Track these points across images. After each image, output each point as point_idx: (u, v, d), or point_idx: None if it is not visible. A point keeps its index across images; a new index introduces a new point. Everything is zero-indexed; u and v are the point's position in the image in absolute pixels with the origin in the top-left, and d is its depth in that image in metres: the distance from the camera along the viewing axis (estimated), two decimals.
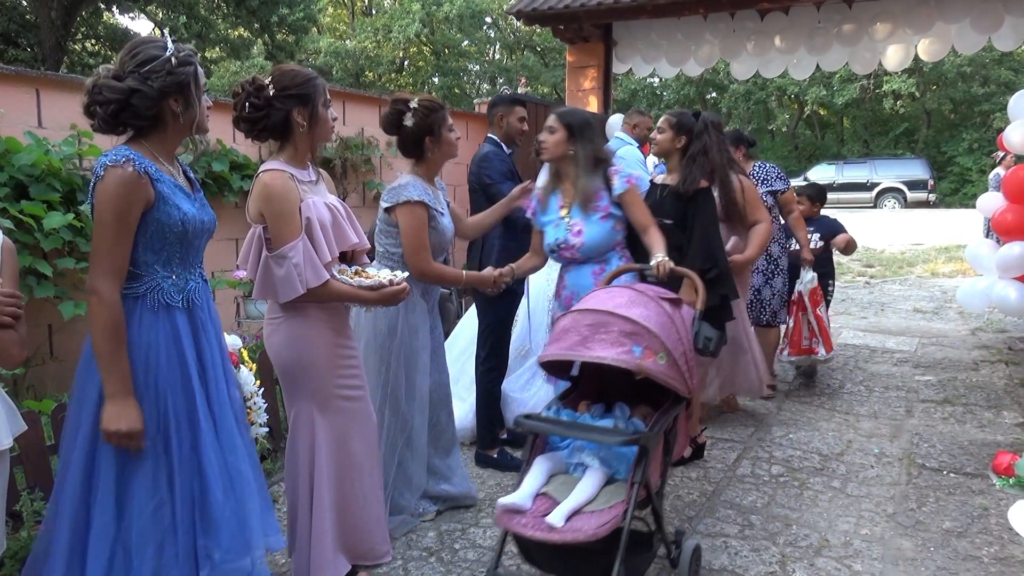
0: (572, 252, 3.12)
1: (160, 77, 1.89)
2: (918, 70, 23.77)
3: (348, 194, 5.87)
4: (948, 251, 12.11)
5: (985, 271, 5.42)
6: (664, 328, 2.36)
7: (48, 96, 4.05)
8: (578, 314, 2.43)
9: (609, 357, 2.25)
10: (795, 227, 4.80)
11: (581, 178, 3.07)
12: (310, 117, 2.38)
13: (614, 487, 2.30)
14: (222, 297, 4.86)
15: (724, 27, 7.29)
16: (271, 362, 2.56)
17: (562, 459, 2.45)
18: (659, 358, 2.29)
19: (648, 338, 2.30)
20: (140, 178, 1.87)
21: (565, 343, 2.36)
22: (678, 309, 2.53)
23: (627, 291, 2.52)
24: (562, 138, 3.11)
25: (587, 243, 3.09)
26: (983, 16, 6.31)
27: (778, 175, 4.70)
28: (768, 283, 4.67)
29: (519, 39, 31.15)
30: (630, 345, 2.27)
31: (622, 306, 2.38)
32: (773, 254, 4.65)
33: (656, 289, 2.62)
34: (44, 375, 3.95)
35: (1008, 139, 5.20)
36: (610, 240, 3.11)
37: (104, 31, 20.79)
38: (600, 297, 2.51)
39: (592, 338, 2.32)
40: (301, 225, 2.32)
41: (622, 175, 3.10)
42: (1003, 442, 3.95)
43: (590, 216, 3.09)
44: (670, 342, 2.34)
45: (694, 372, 2.47)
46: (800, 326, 4.81)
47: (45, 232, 3.65)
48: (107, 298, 1.87)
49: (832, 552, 2.89)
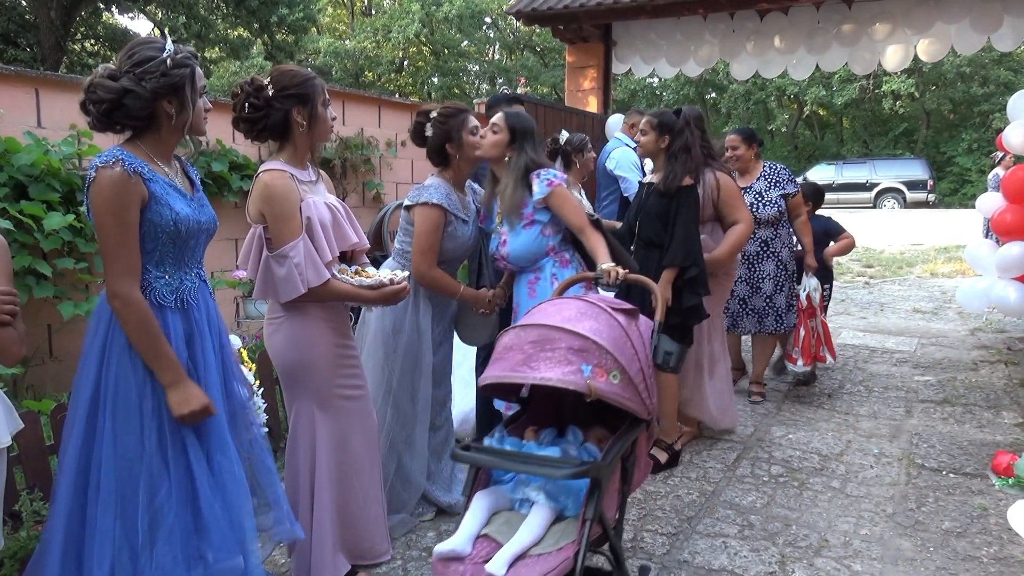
0: (504, 263, 3.07)
1: (154, 78, 1.90)
2: (917, 70, 23.79)
3: (348, 194, 5.87)
4: (947, 251, 12.11)
5: (984, 271, 5.42)
6: (618, 343, 2.12)
7: (48, 96, 4.05)
8: (521, 330, 2.16)
9: (554, 378, 1.99)
10: (801, 231, 4.72)
11: (508, 187, 2.98)
12: (309, 117, 2.39)
13: (564, 525, 2.05)
14: (222, 297, 4.85)
15: (723, 27, 7.30)
16: (271, 362, 2.56)
17: (506, 494, 2.19)
18: (612, 377, 2.05)
19: (599, 355, 2.05)
20: (130, 178, 1.87)
21: (506, 363, 2.09)
22: (634, 321, 2.30)
23: (576, 303, 2.26)
24: (503, 140, 3.01)
25: (512, 253, 3.02)
26: (982, 16, 6.32)
27: (789, 177, 4.61)
28: (780, 290, 4.59)
29: (519, 39, 31.16)
30: (579, 363, 2.02)
31: (570, 319, 2.14)
32: (783, 259, 4.59)
33: (610, 300, 2.40)
34: (43, 375, 3.95)
35: (1007, 139, 5.21)
36: (538, 248, 3.00)
37: (103, 31, 20.79)
38: (546, 310, 2.26)
39: (536, 357, 2.05)
40: (302, 224, 2.33)
41: (543, 178, 2.95)
42: (1002, 442, 3.95)
43: (515, 225, 3.01)
44: (625, 358, 2.10)
45: (653, 391, 2.24)
46: (810, 333, 4.70)
47: (45, 232, 3.65)
48: (129, 298, 1.90)
49: (831, 552, 2.89)
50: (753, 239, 4.51)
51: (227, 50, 22.40)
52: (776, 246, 4.57)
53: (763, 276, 4.59)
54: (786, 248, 4.60)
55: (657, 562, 2.83)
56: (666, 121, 3.54)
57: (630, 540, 2.98)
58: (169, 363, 1.93)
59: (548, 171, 2.99)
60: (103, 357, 1.95)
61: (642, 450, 2.36)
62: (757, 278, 4.60)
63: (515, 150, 3.00)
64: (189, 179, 2.13)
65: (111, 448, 1.92)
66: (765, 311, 4.60)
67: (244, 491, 2.09)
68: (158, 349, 1.93)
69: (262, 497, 2.24)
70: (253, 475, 2.21)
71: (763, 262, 4.58)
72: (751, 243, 4.52)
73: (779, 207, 4.51)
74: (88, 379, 1.96)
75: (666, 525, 3.12)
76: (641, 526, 3.11)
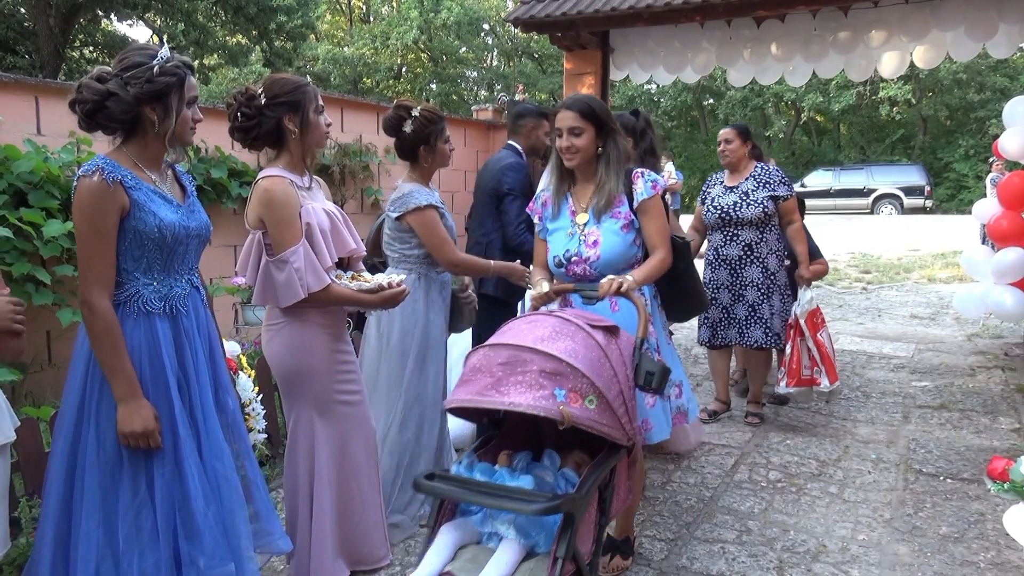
0: (584, 267, 2.64)
1: (139, 84, 1.91)
2: (914, 77, 23.89)
3: (346, 200, 5.88)
4: (945, 257, 12.14)
5: (981, 277, 5.44)
6: (595, 365, 1.96)
7: (47, 103, 4.07)
8: (491, 350, 1.98)
9: (525, 404, 1.84)
10: (793, 239, 4.37)
11: (610, 180, 2.62)
12: (301, 123, 2.40)
13: (535, 562, 1.90)
14: (220, 304, 4.85)
15: (721, 34, 7.32)
16: (270, 368, 2.57)
17: (474, 527, 2.04)
18: (588, 402, 1.90)
19: (574, 378, 1.90)
20: (108, 187, 1.87)
21: (474, 386, 1.93)
22: (614, 339, 2.11)
23: (550, 320, 2.08)
24: (591, 137, 2.62)
25: (603, 256, 2.61)
26: (977, 24, 6.34)
27: (781, 179, 4.33)
28: (766, 300, 4.28)
29: (516, 46, 31.25)
30: (552, 388, 1.86)
31: (544, 339, 1.96)
32: (770, 268, 4.29)
33: (588, 315, 2.22)
34: (42, 381, 3.95)
35: (1003, 145, 5.23)
36: (628, 255, 2.64)
37: (102, 38, 20.83)
38: (518, 328, 2.06)
39: (506, 380, 1.89)
40: (302, 230, 2.34)
41: (648, 178, 2.66)
42: (999, 447, 3.96)
43: (606, 224, 2.63)
44: (602, 381, 1.95)
45: (634, 413, 2.09)
46: (799, 353, 4.29)
47: (44, 239, 3.66)
48: (96, 306, 1.90)
49: (829, 558, 2.90)
50: (735, 242, 4.30)
51: (225, 57, 22.44)
52: (762, 251, 4.28)
53: (746, 283, 4.30)
54: (775, 255, 4.31)
55: (656, 568, 2.84)
56: (626, 124, 3.34)
57: None
58: (125, 377, 1.91)
59: (651, 172, 2.71)
60: (88, 364, 1.96)
61: (621, 478, 2.23)
62: (740, 285, 4.32)
63: (607, 140, 2.64)
64: (181, 186, 2.14)
65: (95, 454, 1.93)
66: (749, 321, 4.30)
67: (240, 498, 2.09)
68: (116, 361, 1.91)
69: (251, 508, 2.24)
70: (247, 486, 2.21)
71: (747, 268, 4.30)
72: (732, 246, 4.31)
73: (764, 208, 4.23)
74: (74, 386, 1.97)
75: (664, 531, 3.13)
76: (640, 532, 3.11)
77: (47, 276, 3.72)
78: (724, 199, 4.35)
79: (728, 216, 4.30)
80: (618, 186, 2.63)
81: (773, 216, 4.31)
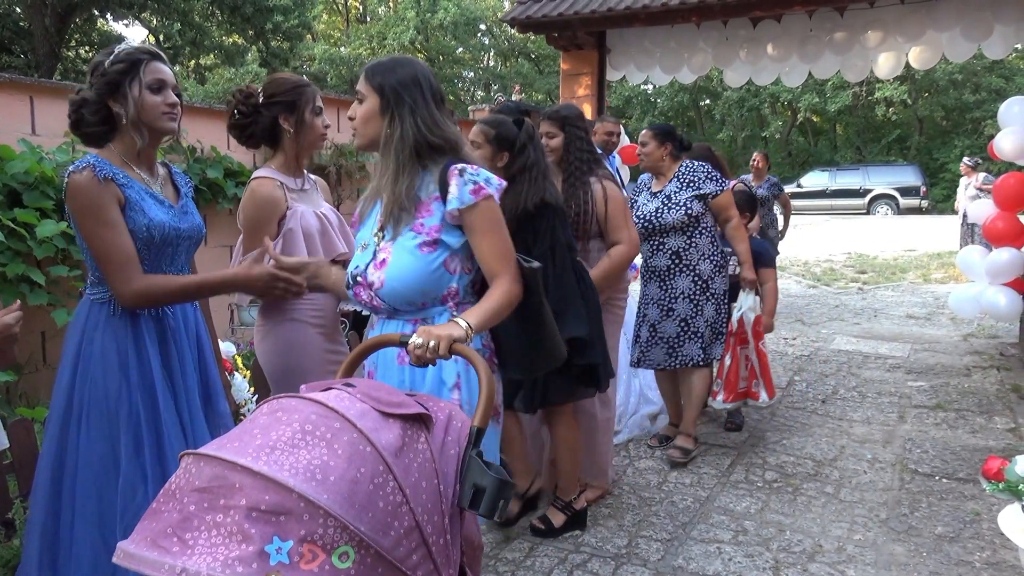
0: (369, 294, 1.90)
1: (98, 82, 1.91)
2: (910, 77, 23.94)
3: (343, 201, 5.88)
4: (940, 257, 12.17)
5: (976, 277, 5.46)
6: (360, 492, 1.17)
7: (42, 103, 4.06)
8: (198, 460, 1.20)
9: (204, 571, 1.07)
10: (733, 238, 3.87)
11: (394, 177, 1.86)
12: (296, 123, 2.39)
13: None
14: (215, 304, 4.84)
15: (717, 35, 7.34)
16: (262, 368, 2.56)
17: None
18: (338, 558, 1.14)
19: (313, 520, 1.12)
20: (100, 183, 1.87)
21: (150, 528, 1.16)
22: (421, 436, 1.31)
23: (307, 409, 1.26)
24: (372, 108, 1.88)
25: (388, 283, 1.85)
26: (973, 25, 6.37)
27: (708, 175, 3.78)
28: (699, 313, 3.77)
29: (513, 46, 31.27)
30: (261, 542, 1.10)
31: (274, 447, 1.19)
32: (703, 274, 3.77)
33: (382, 397, 1.33)
34: (37, 382, 3.94)
35: (998, 146, 5.25)
36: (429, 285, 1.85)
37: (98, 38, 20.77)
38: (253, 424, 1.27)
39: (193, 521, 1.14)
40: (275, 235, 2.32)
41: (467, 178, 1.81)
42: (995, 447, 3.97)
43: (401, 239, 1.86)
44: (372, 518, 1.17)
45: (452, 549, 1.30)
46: (738, 363, 3.90)
47: (38, 240, 3.65)
48: (143, 291, 1.92)
49: (825, 558, 2.90)
50: (662, 251, 3.79)
51: (222, 57, 22.43)
52: (691, 257, 3.75)
53: (676, 295, 3.78)
54: (707, 260, 3.77)
55: (652, 568, 2.84)
56: (504, 135, 2.78)
57: (625, 546, 2.99)
58: (221, 283, 2.11)
59: (476, 169, 1.86)
60: (76, 365, 1.95)
61: None
62: (670, 298, 3.79)
63: (390, 119, 1.86)
64: (176, 187, 2.13)
65: (84, 456, 1.91)
66: (679, 339, 3.77)
67: None
68: (209, 289, 2.11)
69: None
70: None
71: (675, 278, 3.78)
72: (659, 256, 3.80)
73: (688, 210, 3.69)
74: (62, 388, 1.96)
75: (660, 531, 3.13)
76: (636, 532, 3.11)
77: (41, 277, 3.71)
78: (647, 207, 3.83)
79: (651, 224, 3.76)
80: (419, 185, 1.87)
81: (703, 217, 3.78)
